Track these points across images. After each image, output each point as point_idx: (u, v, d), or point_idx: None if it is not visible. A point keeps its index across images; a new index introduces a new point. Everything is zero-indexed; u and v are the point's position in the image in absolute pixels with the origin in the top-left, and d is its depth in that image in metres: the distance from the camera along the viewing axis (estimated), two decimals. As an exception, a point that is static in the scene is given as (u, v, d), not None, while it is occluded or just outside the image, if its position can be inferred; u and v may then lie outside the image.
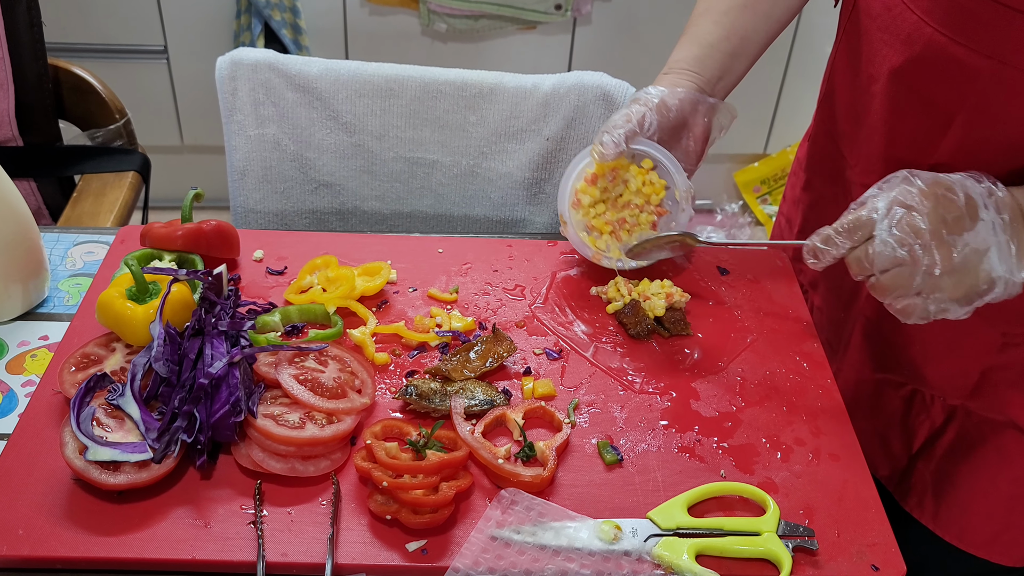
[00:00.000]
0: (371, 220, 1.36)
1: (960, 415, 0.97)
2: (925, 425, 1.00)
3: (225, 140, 1.30)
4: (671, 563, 0.75)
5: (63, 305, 1.02)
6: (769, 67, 2.58)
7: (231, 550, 0.75)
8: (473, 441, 0.83)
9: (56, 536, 0.75)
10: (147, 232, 1.02)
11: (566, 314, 1.01)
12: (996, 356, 0.92)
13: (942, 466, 0.99)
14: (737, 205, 2.85)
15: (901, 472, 1.03)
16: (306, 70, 1.27)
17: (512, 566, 0.75)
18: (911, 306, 0.81)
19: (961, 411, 0.97)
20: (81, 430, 0.79)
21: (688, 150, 1.01)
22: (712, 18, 1.00)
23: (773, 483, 0.83)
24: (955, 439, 0.98)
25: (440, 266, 1.07)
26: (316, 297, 0.99)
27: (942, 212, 0.79)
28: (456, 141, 1.31)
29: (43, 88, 1.51)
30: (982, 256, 0.79)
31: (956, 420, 0.97)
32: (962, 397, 0.95)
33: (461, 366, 0.91)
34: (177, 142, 2.58)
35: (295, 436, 0.80)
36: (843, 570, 0.77)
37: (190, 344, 0.85)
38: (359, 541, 0.76)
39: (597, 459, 0.85)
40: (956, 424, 0.97)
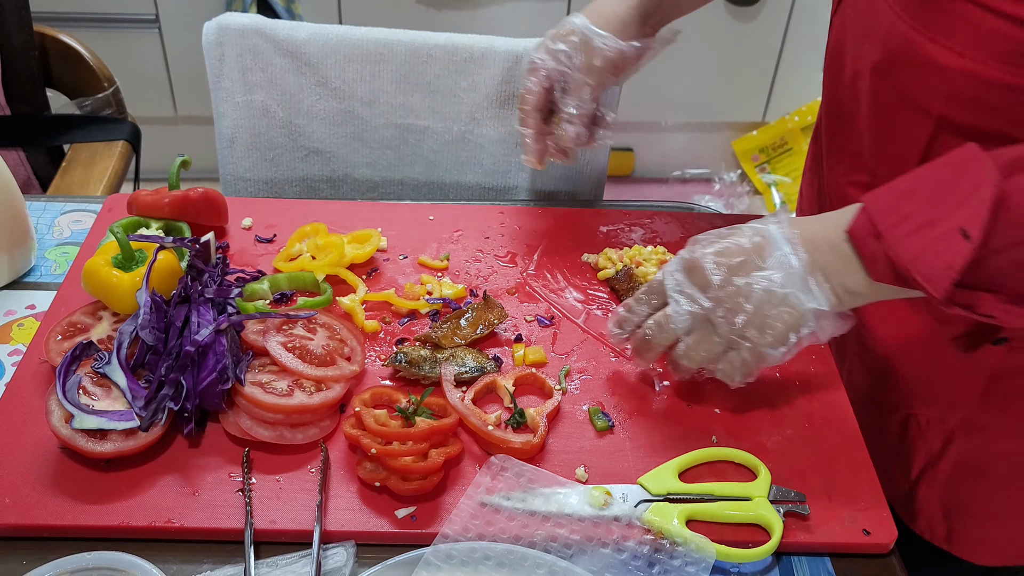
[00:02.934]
0: (362, 188, 1.35)
1: (959, 437, 0.92)
2: (922, 451, 0.95)
3: (213, 107, 1.28)
4: (661, 528, 0.75)
5: (50, 274, 1.01)
6: (767, 33, 2.55)
7: (219, 518, 0.75)
8: (463, 408, 0.83)
9: (43, 504, 0.75)
10: (134, 200, 1.01)
11: (558, 281, 1.00)
12: (1002, 363, 0.87)
13: (948, 490, 0.95)
14: (736, 174, 2.84)
15: (906, 496, 0.98)
16: (294, 35, 1.25)
17: (502, 532, 0.74)
18: (729, 364, 0.80)
19: (961, 433, 0.92)
20: (67, 398, 0.78)
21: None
22: None
23: (765, 448, 0.83)
24: (957, 462, 0.93)
25: (431, 233, 1.06)
26: (305, 265, 0.98)
27: (725, 260, 0.78)
28: (447, 107, 1.29)
29: (29, 56, 1.49)
30: (780, 294, 0.77)
31: (955, 443, 0.93)
32: (967, 407, 0.90)
33: (451, 333, 0.91)
34: (171, 113, 2.56)
35: (283, 404, 0.80)
36: (834, 534, 0.76)
37: (176, 312, 0.84)
38: (348, 508, 0.76)
39: (588, 425, 0.84)
40: (956, 447, 0.93)
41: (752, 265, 0.78)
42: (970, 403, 0.90)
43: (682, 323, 0.80)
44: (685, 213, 1.11)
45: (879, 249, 0.72)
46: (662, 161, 2.79)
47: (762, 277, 0.77)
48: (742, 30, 2.53)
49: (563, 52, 0.96)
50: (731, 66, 2.59)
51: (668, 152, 2.78)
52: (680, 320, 0.80)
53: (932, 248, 0.69)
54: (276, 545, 0.74)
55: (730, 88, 2.65)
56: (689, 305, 0.79)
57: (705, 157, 2.82)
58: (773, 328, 0.77)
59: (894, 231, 0.71)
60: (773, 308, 0.77)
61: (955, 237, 0.68)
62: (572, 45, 0.97)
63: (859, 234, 0.74)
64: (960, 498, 0.95)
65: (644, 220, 1.09)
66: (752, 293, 0.77)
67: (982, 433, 0.91)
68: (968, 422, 0.91)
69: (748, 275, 0.77)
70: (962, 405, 0.91)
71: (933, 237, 0.69)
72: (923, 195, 0.71)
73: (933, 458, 0.95)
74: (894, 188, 0.74)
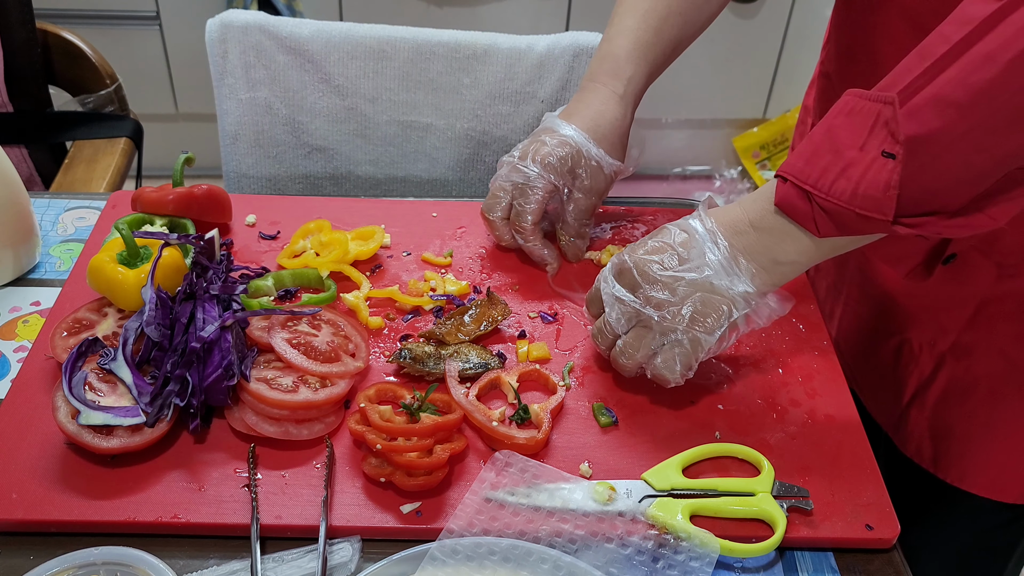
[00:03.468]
0: (365, 185, 1.35)
1: (948, 363, 0.97)
2: (914, 375, 1.00)
3: (216, 104, 1.28)
4: (665, 523, 0.75)
5: (55, 271, 1.01)
6: (768, 30, 2.55)
7: (225, 513, 0.75)
8: (467, 404, 0.83)
9: (50, 500, 0.75)
10: (138, 197, 1.01)
11: (562, 277, 1.01)
12: (991, 288, 0.91)
13: (936, 413, 1.00)
14: (736, 171, 2.84)
15: (897, 420, 1.04)
16: (297, 32, 1.25)
17: (506, 527, 0.75)
18: (668, 358, 0.82)
19: (950, 358, 0.97)
20: (73, 394, 0.78)
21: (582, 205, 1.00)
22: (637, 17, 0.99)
23: (768, 444, 0.83)
24: (946, 386, 0.98)
25: (434, 230, 1.06)
26: (309, 261, 0.98)
27: (651, 258, 0.81)
28: (450, 104, 1.29)
29: (32, 53, 1.49)
30: (704, 282, 0.79)
31: (945, 368, 0.97)
32: (957, 331, 0.95)
33: (455, 330, 0.91)
34: (172, 110, 2.56)
35: (288, 400, 0.80)
36: (838, 530, 0.77)
37: (182, 308, 0.85)
38: (353, 504, 0.76)
39: (592, 421, 0.85)
40: (945, 372, 0.97)
41: (677, 260, 0.81)
42: (960, 327, 0.94)
43: (619, 325, 0.83)
44: (688, 210, 1.11)
45: (812, 207, 0.75)
46: (663, 158, 2.79)
47: (686, 270, 0.80)
48: (743, 27, 2.53)
49: (555, 169, 0.96)
50: (732, 63, 2.59)
51: (669, 149, 2.78)
52: (616, 322, 0.83)
53: (864, 180, 0.71)
54: (282, 540, 0.75)
55: (731, 85, 2.65)
56: (621, 308, 0.82)
57: (706, 154, 2.83)
58: (705, 316, 0.80)
59: (820, 183, 0.74)
60: (703, 297, 0.80)
61: (881, 162, 0.70)
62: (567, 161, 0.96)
63: (788, 200, 0.77)
64: (946, 421, 0.99)
65: (647, 217, 1.09)
66: (679, 287, 0.80)
67: (969, 357, 0.95)
68: (957, 346, 0.95)
69: (674, 270, 0.80)
70: (953, 329, 0.95)
71: (860, 172, 0.72)
72: (832, 145, 0.74)
73: (924, 383, 0.99)
74: (801, 152, 0.76)
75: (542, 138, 0.97)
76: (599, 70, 0.99)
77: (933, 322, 0.97)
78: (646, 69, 0.99)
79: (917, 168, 0.70)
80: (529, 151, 0.97)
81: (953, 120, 0.68)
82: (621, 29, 0.99)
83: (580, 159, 0.97)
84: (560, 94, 1.30)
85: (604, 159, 0.97)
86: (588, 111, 0.98)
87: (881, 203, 0.71)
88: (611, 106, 0.98)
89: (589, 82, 1.00)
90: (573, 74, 1.28)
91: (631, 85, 0.98)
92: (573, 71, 1.28)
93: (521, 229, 0.98)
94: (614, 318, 0.83)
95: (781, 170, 0.77)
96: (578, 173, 0.97)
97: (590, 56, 1.28)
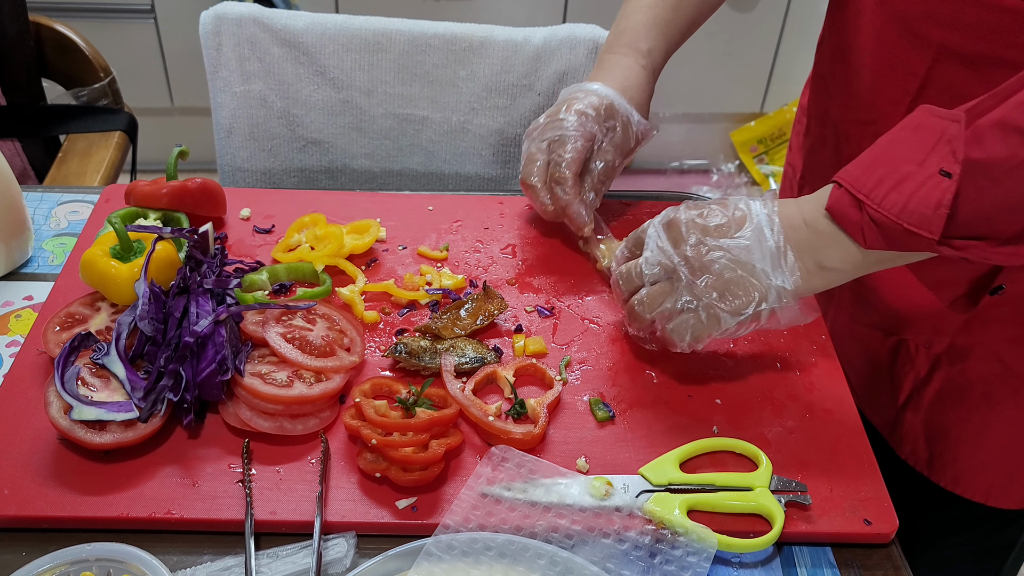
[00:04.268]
0: (361, 178, 1.34)
1: (944, 365, 0.97)
2: (910, 376, 1.00)
3: (210, 97, 1.28)
4: (662, 518, 0.75)
5: (47, 265, 1.01)
6: (766, 25, 2.55)
7: (219, 509, 0.75)
8: (463, 399, 0.82)
9: (42, 496, 0.75)
10: (132, 190, 1.00)
11: (558, 271, 1.00)
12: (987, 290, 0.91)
13: (930, 415, 1.00)
14: (733, 165, 2.83)
15: (892, 422, 1.03)
16: (292, 24, 1.24)
17: (503, 522, 0.74)
18: (683, 323, 0.81)
19: (945, 360, 0.96)
20: (66, 389, 0.78)
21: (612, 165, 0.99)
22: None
23: (766, 439, 0.83)
24: (941, 388, 0.98)
25: (430, 224, 1.05)
26: (304, 255, 0.97)
27: (703, 221, 0.80)
28: (446, 97, 1.28)
29: (25, 46, 1.48)
30: (747, 262, 0.78)
31: (940, 370, 0.97)
32: (952, 333, 0.94)
33: (451, 324, 0.90)
34: (167, 104, 2.55)
35: (283, 394, 0.79)
36: (835, 524, 0.76)
37: (175, 303, 0.84)
38: (348, 499, 0.76)
39: (589, 416, 0.84)
40: (940, 374, 0.97)
41: (728, 232, 0.79)
42: (955, 330, 0.93)
43: (650, 271, 0.82)
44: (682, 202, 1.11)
45: (863, 216, 0.74)
46: (660, 152, 2.79)
47: (734, 244, 0.79)
48: (740, 21, 2.52)
49: (591, 118, 0.95)
50: (729, 57, 2.58)
51: (666, 143, 2.77)
52: (648, 268, 0.82)
53: (916, 195, 0.71)
54: (276, 536, 0.74)
55: (728, 79, 2.64)
56: (660, 256, 0.81)
57: (703, 148, 2.82)
58: (735, 295, 0.79)
59: (873, 194, 0.73)
60: (739, 276, 0.79)
61: (936, 179, 0.70)
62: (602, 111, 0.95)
63: (839, 207, 0.76)
64: (941, 424, 0.99)
65: (644, 211, 1.09)
66: (721, 258, 0.79)
67: (964, 360, 0.95)
68: (953, 349, 0.95)
69: (721, 240, 0.79)
70: (948, 332, 0.94)
71: (913, 187, 0.71)
72: (891, 157, 0.73)
73: (920, 384, 0.99)
74: (861, 161, 0.76)
75: (573, 95, 0.97)
76: (618, 43, 1.00)
77: (928, 325, 0.96)
78: (664, 45, 1.00)
79: (974, 191, 0.69)
80: (561, 108, 0.96)
81: (1016, 146, 0.67)
82: (639, 6, 1.00)
83: (614, 111, 0.96)
84: (557, 86, 1.29)
85: (633, 115, 0.97)
86: (613, 76, 0.98)
87: (930, 220, 0.70)
88: (636, 72, 0.98)
89: (609, 53, 1.00)
90: (570, 66, 1.28)
91: (651, 58, 0.99)
92: (570, 63, 1.27)
93: (560, 179, 0.95)
94: (647, 264, 0.81)
95: (838, 176, 0.76)
96: (611, 125, 0.96)
97: (587, 48, 1.27)
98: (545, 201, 0.97)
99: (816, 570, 0.75)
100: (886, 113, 0.89)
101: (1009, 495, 1.00)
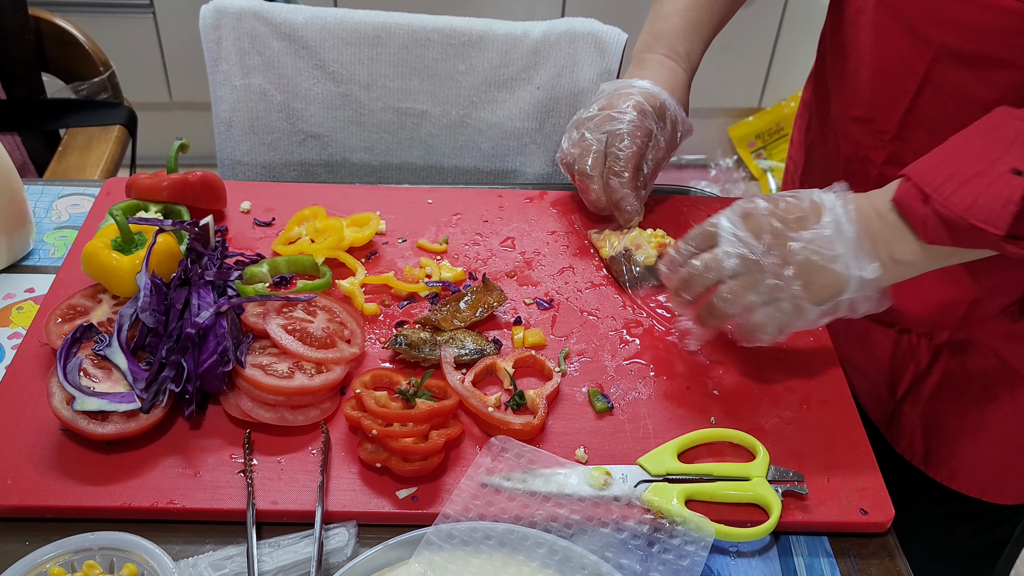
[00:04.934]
0: (360, 172, 1.35)
1: (945, 356, 0.97)
2: (911, 368, 1.00)
3: (210, 91, 1.28)
4: (660, 508, 0.75)
5: (49, 257, 1.01)
6: (764, 19, 2.55)
7: (221, 498, 0.75)
8: (463, 390, 0.83)
9: (45, 485, 0.75)
10: (132, 183, 1.01)
11: (557, 264, 1.00)
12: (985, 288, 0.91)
13: (929, 408, 1.00)
14: (732, 160, 2.84)
15: (890, 415, 1.04)
16: (291, 18, 1.24)
17: (502, 512, 0.75)
18: (768, 314, 0.80)
19: (946, 352, 0.97)
20: (68, 380, 0.78)
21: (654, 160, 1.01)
22: None
23: (763, 429, 0.83)
24: (940, 381, 0.98)
25: (430, 217, 1.06)
26: (304, 248, 0.98)
27: (782, 213, 0.80)
28: (445, 91, 1.29)
29: (25, 40, 1.48)
30: (829, 253, 0.78)
31: (941, 361, 0.98)
32: (951, 329, 0.95)
33: (451, 316, 0.91)
34: (166, 99, 2.55)
35: (283, 385, 0.80)
36: (832, 514, 0.77)
37: (177, 294, 0.84)
38: (349, 489, 0.76)
39: (587, 407, 0.85)
40: (941, 366, 0.98)
41: (807, 223, 0.79)
42: (954, 325, 0.94)
43: (731, 264, 0.80)
44: (683, 196, 1.11)
45: (928, 210, 0.74)
46: (658, 147, 2.79)
47: (816, 235, 0.78)
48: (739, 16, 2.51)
49: (649, 115, 0.97)
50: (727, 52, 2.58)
51: (665, 138, 2.77)
52: (730, 260, 0.80)
53: (986, 193, 0.71)
54: (278, 526, 0.75)
55: (726, 74, 2.64)
56: (740, 248, 0.80)
57: (701, 143, 2.82)
58: (820, 286, 0.79)
59: (942, 189, 0.73)
60: (821, 266, 0.78)
61: (1008, 177, 0.70)
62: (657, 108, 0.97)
63: (905, 200, 0.76)
64: (938, 418, 0.99)
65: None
66: (804, 248, 0.78)
67: (964, 353, 0.95)
68: (953, 341, 0.96)
69: (801, 231, 0.79)
70: (946, 327, 0.95)
71: (984, 184, 0.71)
72: (963, 154, 0.74)
73: (920, 375, 0.99)
74: (933, 155, 0.76)
75: (625, 90, 0.98)
76: (658, 44, 1.01)
77: (927, 319, 0.97)
78: (700, 47, 1.02)
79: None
80: (616, 102, 0.97)
81: None
82: (675, 8, 1.02)
83: (665, 110, 0.98)
84: (556, 80, 1.29)
85: (680, 114, 0.99)
86: (658, 75, 1.00)
87: (998, 216, 0.70)
88: (678, 73, 1.01)
89: (648, 53, 1.02)
90: (569, 60, 1.28)
91: (689, 60, 1.02)
92: (569, 57, 1.28)
93: (618, 172, 0.96)
94: (726, 256, 0.80)
95: (907, 170, 0.76)
96: (663, 124, 0.98)
97: (586, 42, 1.27)
98: (599, 192, 0.98)
99: (812, 559, 0.75)
100: (885, 112, 0.90)
101: (1004, 491, 1.00)
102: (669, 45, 1.01)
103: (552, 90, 1.29)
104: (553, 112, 1.30)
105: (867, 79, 0.92)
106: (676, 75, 1.01)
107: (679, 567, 0.72)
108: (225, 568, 0.71)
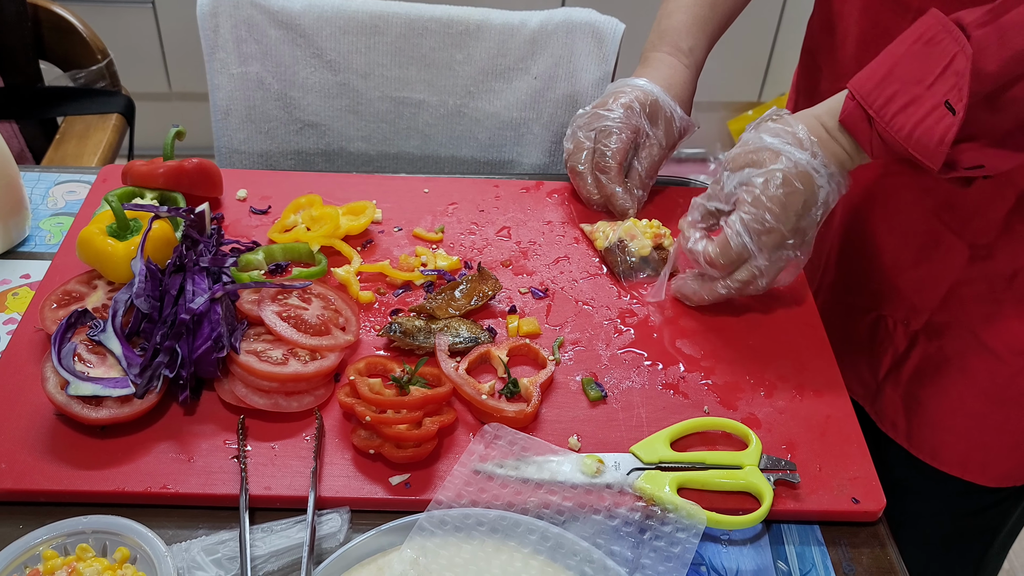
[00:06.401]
0: (357, 161, 1.35)
1: (922, 342, 0.98)
2: (889, 352, 1.02)
3: (208, 79, 1.28)
4: (652, 495, 0.76)
5: (44, 244, 1.01)
6: (763, 13, 2.54)
7: (214, 484, 0.75)
8: (457, 377, 0.83)
9: (39, 470, 0.75)
10: (129, 170, 1.01)
11: (552, 253, 1.01)
12: (964, 270, 0.93)
13: (910, 389, 1.01)
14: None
15: (873, 394, 1.05)
16: (289, 6, 1.24)
17: (495, 499, 0.75)
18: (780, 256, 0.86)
19: (923, 337, 0.98)
20: (62, 365, 0.78)
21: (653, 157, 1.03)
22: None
23: (756, 419, 0.84)
24: (919, 365, 0.99)
25: (425, 206, 1.06)
26: (300, 236, 0.98)
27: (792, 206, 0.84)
28: (442, 80, 1.29)
29: (22, 27, 1.48)
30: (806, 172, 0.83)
31: (918, 346, 0.99)
32: (930, 311, 0.96)
33: (446, 304, 0.91)
34: (164, 88, 2.55)
35: (278, 372, 0.80)
36: (824, 503, 0.77)
37: (171, 280, 0.85)
38: (342, 475, 0.77)
39: (581, 396, 0.85)
40: (918, 351, 0.99)
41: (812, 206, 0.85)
42: (932, 307, 0.96)
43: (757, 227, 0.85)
44: (680, 188, 1.11)
45: (873, 132, 0.79)
46: (657, 140, 2.79)
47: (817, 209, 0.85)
48: (739, 8, 2.52)
49: (636, 112, 0.99)
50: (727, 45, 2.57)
51: (664, 131, 2.77)
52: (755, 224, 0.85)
53: (922, 124, 0.75)
54: (271, 511, 0.75)
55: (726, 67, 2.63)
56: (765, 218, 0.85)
57: (700, 136, 2.82)
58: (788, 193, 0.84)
59: (883, 112, 0.77)
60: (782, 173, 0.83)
61: (941, 111, 0.74)
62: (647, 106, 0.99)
63: (851, 120, 0.81)
64: (919, 398, 1.01)
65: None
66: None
67: (941, 337, 0.97)
68: (930, 326, 0.98)
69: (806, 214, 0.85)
70: (925, 309, 0.97)
71: (921, 114, 0.75)
72: (902, 74, 0.77)
73: (898, 359, 1.01)
74: (874, 71, 0.79)
75: (620, 89, 1.00)
76: (661, 42, 1.03)
77: (906, 302, 0.98)
78: (705, 42, 1.03)
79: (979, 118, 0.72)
80: (608, 100, 1.00)
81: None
82: (679, 5, 1.03)
83: (658, 108, 0.99)
84: (553, 70, 1.29)
85: (677, 111, 1.01)
86: (658, 73, 1.02)
87: (932, 152, 0.75)
88: (680, 70, 1.02)
89: (653, 52, 1.03)
90: (566, 50, 1.28)
91: (692, 56, 1.03)
92: (566, 47, 1.28)
93: (605, 168, 0.99)
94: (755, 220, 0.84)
95: (851, 84, 0.80)
96: (656, 121, 1.00)
97: (583, 32, 1.27)
98: (591, 188, 1.02)
99: (804, 548, 0.76)
100: None
101: (985, 470, 1.01)
102: (672, 42, 1.03)
103: (549, 80, 1.29)
104: (550, 103, 1.30)
105: (852, 50, 0.94)
106: (676, 72, 1.02)
107: (670, 554, 0.72)
108: (218, 553, 0.71)
